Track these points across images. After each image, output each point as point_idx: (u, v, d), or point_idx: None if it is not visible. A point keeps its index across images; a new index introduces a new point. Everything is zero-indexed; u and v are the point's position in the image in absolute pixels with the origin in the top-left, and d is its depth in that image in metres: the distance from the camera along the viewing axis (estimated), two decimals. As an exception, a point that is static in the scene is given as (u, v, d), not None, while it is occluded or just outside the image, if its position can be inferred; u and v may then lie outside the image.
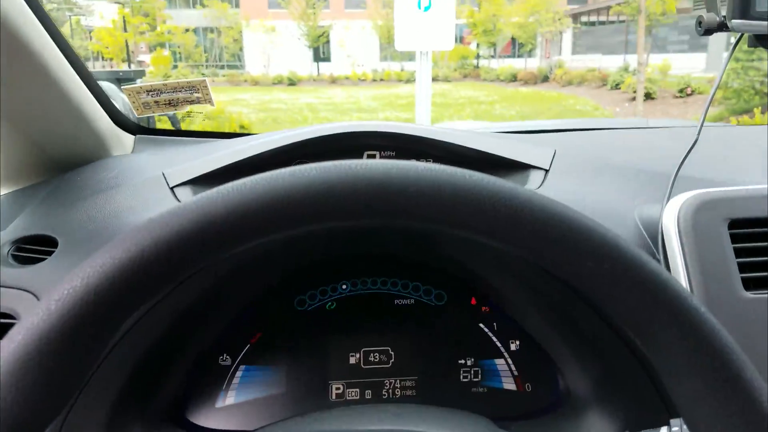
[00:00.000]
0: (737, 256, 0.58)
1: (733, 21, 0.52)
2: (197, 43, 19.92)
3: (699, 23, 0.56)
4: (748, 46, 0.57)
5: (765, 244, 0.59)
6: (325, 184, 0.32)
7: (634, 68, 12.25)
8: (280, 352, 0.66)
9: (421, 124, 0.83)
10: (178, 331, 0.60)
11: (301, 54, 20.31)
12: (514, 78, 16.29)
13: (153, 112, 0.93)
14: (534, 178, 0.72)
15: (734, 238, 0.59)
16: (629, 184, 0.71)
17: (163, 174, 0.73)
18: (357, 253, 0.69)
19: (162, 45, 18.24)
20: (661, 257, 0.60)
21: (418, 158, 0.78)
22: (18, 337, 0.28)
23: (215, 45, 21.26)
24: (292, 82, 17.41)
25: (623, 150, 0.84)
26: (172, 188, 0.72)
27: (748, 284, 0.57)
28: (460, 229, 0.33)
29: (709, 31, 0.56)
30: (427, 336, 0.67)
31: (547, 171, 0.72)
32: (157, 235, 0.31)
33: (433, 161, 0.78)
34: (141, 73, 3.08)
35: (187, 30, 18.66)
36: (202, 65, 20.11)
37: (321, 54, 21.38)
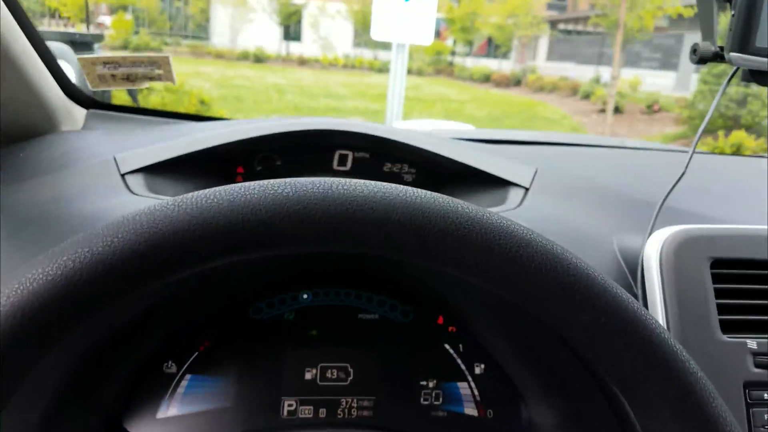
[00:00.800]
0: (717, 297, 0.57)
1: (731, 54, 0.51)
2: (162, 9, 19.22)
3: (694, 51, 0.55)
4: (741, 80, 0.56)
5: (745, 286, 0.58)
6: (274, 206, 0.29)
7: (606, 81, 12.47)
8: (231, 363, 0.60)
9: (398, 126, 0.79)
10: (120, 335, 0.53)
11: (271, 31, 19.84)
12: (487, 79, 16.36)
13: (109, 86, 0.84)
14: (513, 196, 0.70)
15: (715, 278, 0.58)
16: (611, 210, 0.70)
17: (114, 159, 0.67)
18: (320, 262, 0.64)
19: (124, 8, 17.51)
20: (639, 291, 0.58)
21: (393, 162, 0.76)
22: None
23: (181, 13, 20.55)
24: (258, 59, 16.98)
25: (608, 171, 0.82)
26: (123, 175, 0.65)
27: (726, 327, 0.56)
28: (446, 268, 0.31)
29: (703, 60, 0.55)
30: (390, 354, 0.63)
31: (527, 189, 0.70)
32: (99, 253, 0.27)
33: (409, 167, 0.76)
34: (99, 37, 2.78)
35: (153, -6, 17.96)
36: (166, 33, 19.38)
37: (291, 33, 20.97)
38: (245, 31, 19.03)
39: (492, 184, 0.73)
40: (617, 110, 10.94)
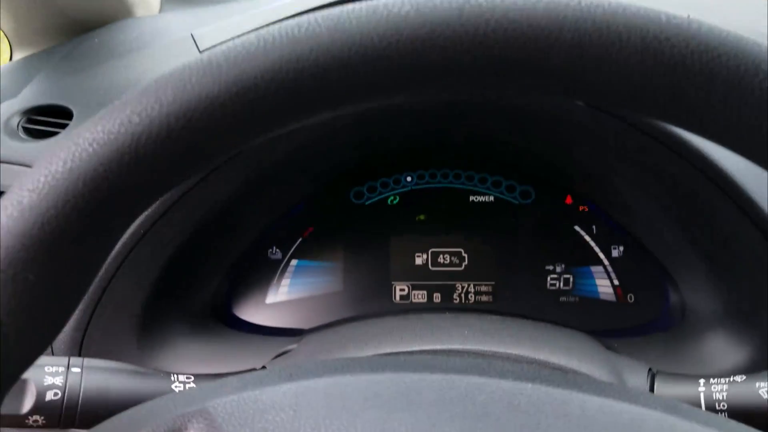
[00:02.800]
0: None
1: None
2: None
3: None
4: None
5: None
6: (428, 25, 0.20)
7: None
8: (336, 248, 0.60)
9: None
10: (220, 222, 0.53)
11: None
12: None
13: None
14: None
15: None
16: None
17: (192, 35, 0.64)
18: (426, 137, 0.59)
19: None
20: None
21: None
22: None
23: None
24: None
25: None
26: (202, 53, 0.64)
27: None
28: (645, 115, 0.21)
29: None
30: (509, 238, 0.59)
31: None
32: (180, 98, 0.20)
33: None
34: None
35: None
36: None
37: None
38: None
39: None
40: None
